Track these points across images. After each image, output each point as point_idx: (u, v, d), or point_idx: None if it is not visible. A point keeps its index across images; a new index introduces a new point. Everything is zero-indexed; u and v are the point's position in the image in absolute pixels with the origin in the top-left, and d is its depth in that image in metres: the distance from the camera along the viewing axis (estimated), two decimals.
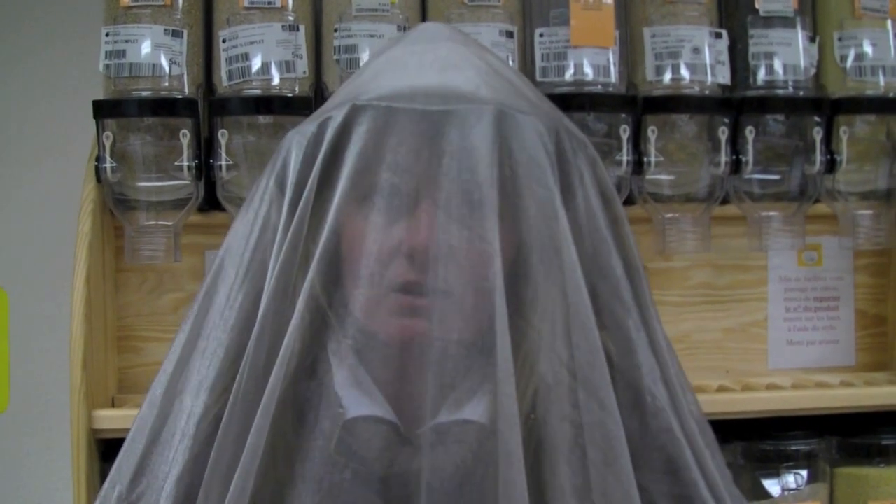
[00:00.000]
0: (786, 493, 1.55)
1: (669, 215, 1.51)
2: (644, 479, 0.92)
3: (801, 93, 1.52)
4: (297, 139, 0.95)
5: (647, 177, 1.48)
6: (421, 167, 0.90)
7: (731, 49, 1.52)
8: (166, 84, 1.40)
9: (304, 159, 0.93)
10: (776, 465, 1.55)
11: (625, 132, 1.44)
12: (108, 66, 1.40)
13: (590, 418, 0.89)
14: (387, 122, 0.91)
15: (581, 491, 0.87)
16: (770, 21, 1.52)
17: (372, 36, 1.42)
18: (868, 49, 1.54)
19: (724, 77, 1.50)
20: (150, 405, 0.96)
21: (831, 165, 1.52)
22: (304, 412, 0.89)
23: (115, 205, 1.43)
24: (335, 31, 1.44)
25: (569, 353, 0.89)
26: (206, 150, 1.42)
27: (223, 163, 1.40)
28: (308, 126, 0.95)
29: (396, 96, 0.92)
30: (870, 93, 1.54)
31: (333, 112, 0.93)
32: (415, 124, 0.90)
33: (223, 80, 1.42)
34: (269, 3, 1.41)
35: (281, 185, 0.95)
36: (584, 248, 0.93)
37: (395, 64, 0.98)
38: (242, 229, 0.97)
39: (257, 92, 1.41)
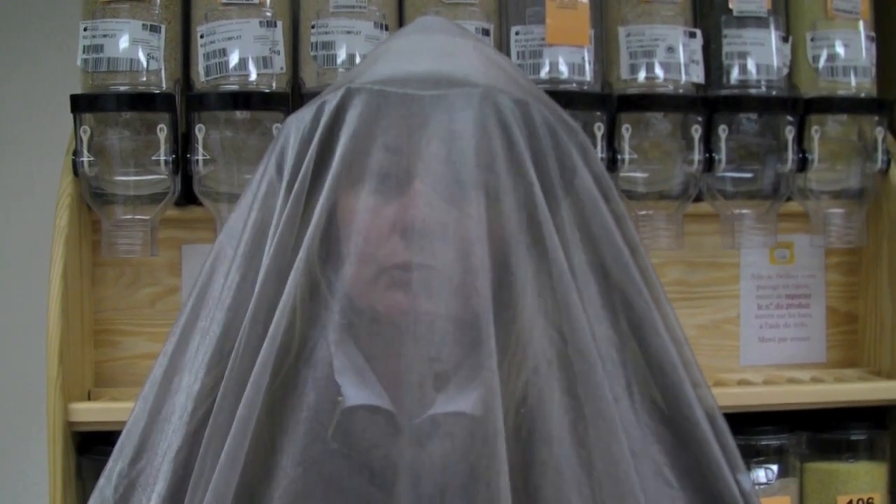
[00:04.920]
0: (756, 487, 1.56)
1: (643, 212, 1.52)
2: (655, 452, 0.94)
3: (774, 92, 1.54)
4: (294, 123, 0.97)
5: (621, 174, 1.49)
6: (411, 149, 0.91)
7: (705, 48, 1.53)
8: (144, 79, 1.41)
9: (301, 142, 0.95)
10: (747, 460, 1.52)
11: (599, 130, 1.46)
12: (85, 61, 1.40)
13: (583, 397, 0.90)
14: (379, 105, 0.92)
15: (580, 472, 0.89)
16: (744, 21, 1.54)
17: (349, 32, 1.43)
18: (840, 50, 1.56)
19: (698, 76, 1.51)
20: (150, 384, 0.97)
21: (803, 164, 1.54)
22: (300, 397, 0.90)
23: (93, 199, 1.44)
24: (312, 27, 1.44)
25: (558, 333, 0.91)
26: (183, 144, 1.43)
27: (200, 158, 1.41)
28: (305, 111, 0.97)
29: (390, 80, 0.94)
30: (841, 93, 1.56)
31: (329, 96, 0.95)
32: (406, 107, 0.92)
33: (201, 76, 1.42)
34: None
35: (279, 169, 0.96)
36: (591, 229, 0.95)
37: (392, 52, 1.00)
38: (241, 212, 0.98)
39: (234, 87, 1.41)
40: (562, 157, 0.95)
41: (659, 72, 1.49)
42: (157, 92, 1.41)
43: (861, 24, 1.58)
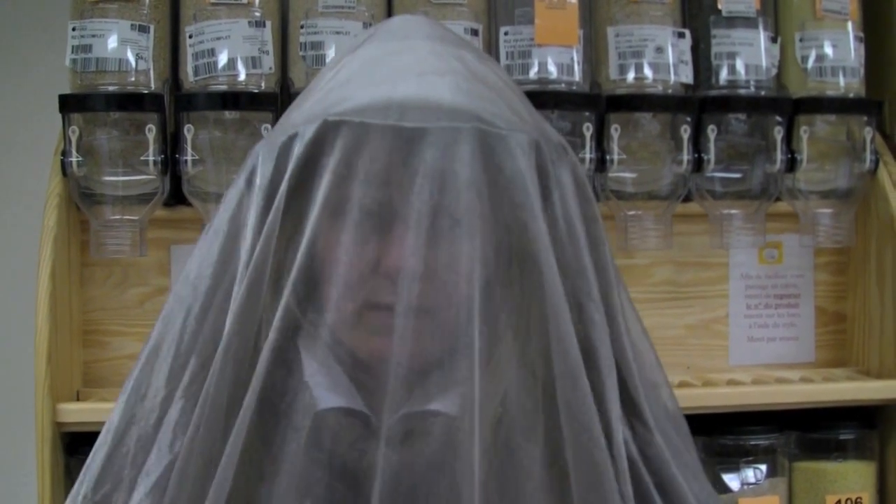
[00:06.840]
0: (745, 487, 1.56)
1: (632, 213, 1.52)
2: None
3: (763, 92, 1.54)
4: (265, 151, 0.92)
5: (610, 174, 1.49)
6: (397, 188, 0.88)
7: (694, 49, 1.54)
8: (133, 79, 1.41)
9: (274, 173, 0.91)
10: (736, 459, 1.57)
11: (588, 130, 1.46)
12: (74, 61, 1.40)
13: (571, 438, 0.88)
14: (360, 140, 0.88)
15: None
16: (732, 21, 1.54)
17: (338, 33, 1.43)
18: (829, 50, 1.57)
19: (687, 76, 1.52)
20: (118, 407, 0.95)
21: (792, 164, 1.55)
22: (276, 409, 0.89)
23: (81, 199, 1.43)
24: (301, 27, 1.44)
25: (548, 371, 0.89)
26: (172, 145, 1.42)
27: (189, 158, 1.40)
28: (278, 137, 0.92)
29: (370, 109, 0.89)
30: (830, 93, 1.57)
31: (302, 127, 0.90)
32: (390, 143, 0.88)
33: (189, 76, 1.42)
34: None
35: (250, 197, 0.93)
36: (564, 255, 0.92)
37: (369, 67, 0.95)
38: (215, 234, 0.95)
39: (223, 87, 1.41)
40: (550, 185, 0.92)
41: (648, 72, 1.49)
42: (146, 92, 1.41)
43: (850, 25, 1.58)
